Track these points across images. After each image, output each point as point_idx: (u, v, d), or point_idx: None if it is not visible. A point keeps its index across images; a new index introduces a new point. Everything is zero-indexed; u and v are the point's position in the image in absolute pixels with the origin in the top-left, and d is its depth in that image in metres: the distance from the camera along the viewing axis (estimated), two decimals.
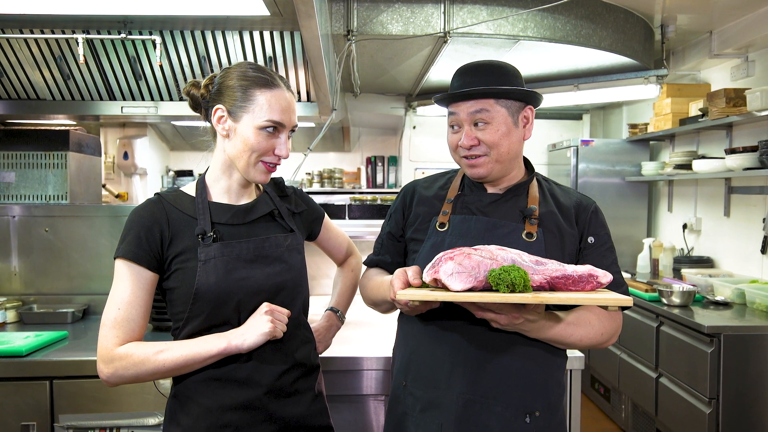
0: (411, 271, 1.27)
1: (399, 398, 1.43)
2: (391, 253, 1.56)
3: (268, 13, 2.12)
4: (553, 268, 1.22)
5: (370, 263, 1.61)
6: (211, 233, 1.31)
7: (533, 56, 3.76)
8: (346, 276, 1.76)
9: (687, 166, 4.06)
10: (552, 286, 1.21)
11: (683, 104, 4.19)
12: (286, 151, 1.37)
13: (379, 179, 5.83)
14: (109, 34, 2.37)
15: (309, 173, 5.77)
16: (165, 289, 1.35)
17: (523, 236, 1.36)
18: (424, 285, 1.25)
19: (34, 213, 2.63)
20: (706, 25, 3.87)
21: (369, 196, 4.95)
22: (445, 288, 1.20)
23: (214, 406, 1.30)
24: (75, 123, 3.72)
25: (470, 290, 1.18)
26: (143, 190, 5.21)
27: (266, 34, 2.44)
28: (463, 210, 1.43)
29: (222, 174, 1.39)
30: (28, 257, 2.62)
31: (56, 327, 2.33)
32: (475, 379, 1.32)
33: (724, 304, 3.30)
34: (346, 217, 2.58)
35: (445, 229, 1.41)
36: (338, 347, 2.05)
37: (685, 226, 4.38)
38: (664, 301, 3.34)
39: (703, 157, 3.98)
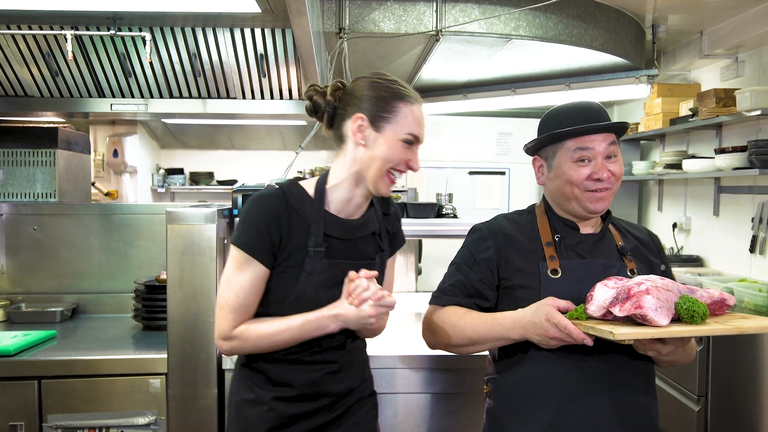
0: (562, 303, 1.26)
1: None
2: (488, 299, 1.46)
3: (259, 10, 2.11)
4: (705, 295, 1.28)
5: (449, 303, 1.47)
6: (323, 248, 1.35)
7: (525, 55, 3.77)
8: None
9: (677, 166, 4.08)
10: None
11: (674, 104, 4.21)
12: (418, 164, 1.40)
13: None
14: (98, 30, 2.35)
15: (300, 171, 5.75)
16: None
17: (628, 273, 1.40)
18: (582, 317, 1.24)
19: (22, 211, 2.61)
20: (696, 26, 3.89)
21: None
22: (632, 322, 1.20)
23: (284, 381, 1.40)
24: (64, 120, 3.68)
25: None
26: (133, 188, 5.18)
27: (257, 32, 2.42)
28: (570, 253, 1.43)
29: (348, 184, 1.40)
30: (16, 256, 2.59)
31: (45, 326, 2.31)
32: (632, 426, 1.35)
33: None
34: None
35: (559, 275, 1.39)
36: None
37: (675, 226, 4.41)
38: None
39: (693, 156, 4.00)
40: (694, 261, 4.13)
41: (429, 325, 1.49)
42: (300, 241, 1.35)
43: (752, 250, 3.55)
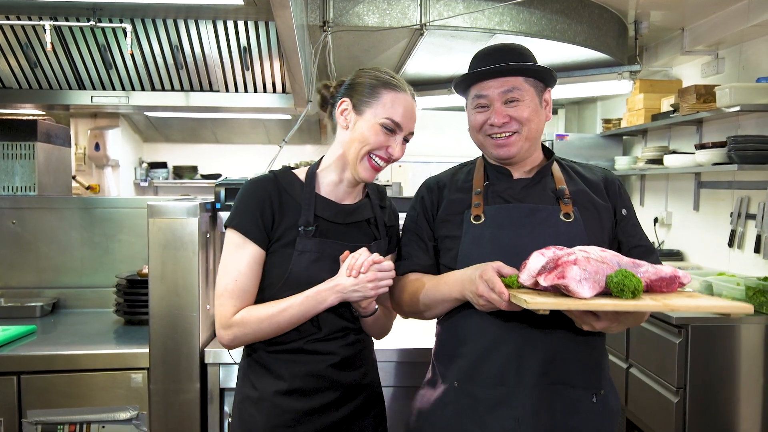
0: (506, 269, 1.22)
1: (447, 400, 1.38)
2: (428, 255, 1.47)
3: (242, 3, 2.09)
4: (651, 270, 1.22)
5: (406, 270, 1.48)
6: (313, 227, 1.38)
7: None
8: None
9: (659, 161, 4.13)
10: (649, 287, 1.22)
11: (655, 100, 4.25)
12: (399, 152, 1.41)
13: None
14: (78, 21, 2.31)
15: (285, 166, 5.73)
16: None
17: (561, 217, 1.35)
18: (514, 285, 1.20)
19: (1, 205, 2.57)
20: (678, 22, 3.93)
21: None
22: (560, 292, 1.15)
23: (286, 374, 1.39)
24: (44, 113, 3.63)
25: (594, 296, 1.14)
26: (115, 182, 5.13)
27: (240, 24, 2.40)
28: (496, 199, 1.41)
29: (335, 168, 1.45)
30: None
31: (24, 321, 2.28)
32: (545, 369, 1.31)
33: None
34: None
35: (482, 221, 1.38)
36: None
37: (656, 220, 4.46)
38: None
39: (674, 152, 4.05)
40: (675, 255, 4.19)
41: (392, 297, 1.49)
42: (291, 222, 1.39)
43: (731, 244, 3.60)
